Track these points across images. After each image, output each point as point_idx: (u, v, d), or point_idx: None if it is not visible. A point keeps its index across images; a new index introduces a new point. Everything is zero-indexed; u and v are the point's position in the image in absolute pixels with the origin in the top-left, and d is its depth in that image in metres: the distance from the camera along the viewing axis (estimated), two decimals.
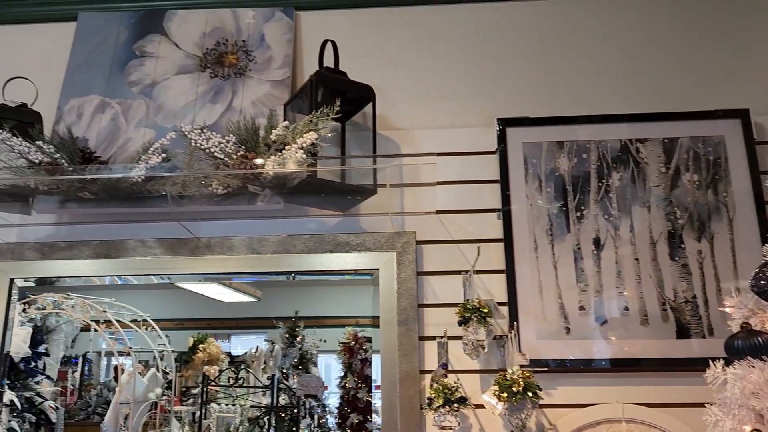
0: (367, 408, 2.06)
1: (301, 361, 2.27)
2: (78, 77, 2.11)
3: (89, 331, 2.30)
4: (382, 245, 1.92)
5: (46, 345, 2.26)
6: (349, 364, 2.15)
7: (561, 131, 1.95)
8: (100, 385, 2.42)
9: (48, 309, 2.23)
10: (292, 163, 1.70)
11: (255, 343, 2.36)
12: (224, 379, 2.36)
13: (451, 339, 1.81)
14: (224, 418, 2.26)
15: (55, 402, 2.24)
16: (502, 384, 1.55)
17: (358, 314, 2.21)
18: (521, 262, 1.86)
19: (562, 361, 1.78)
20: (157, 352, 2.35)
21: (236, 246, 1.96)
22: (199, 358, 2.35)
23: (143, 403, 2.26)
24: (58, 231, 2.05)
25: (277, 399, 2.22)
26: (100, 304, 2.28)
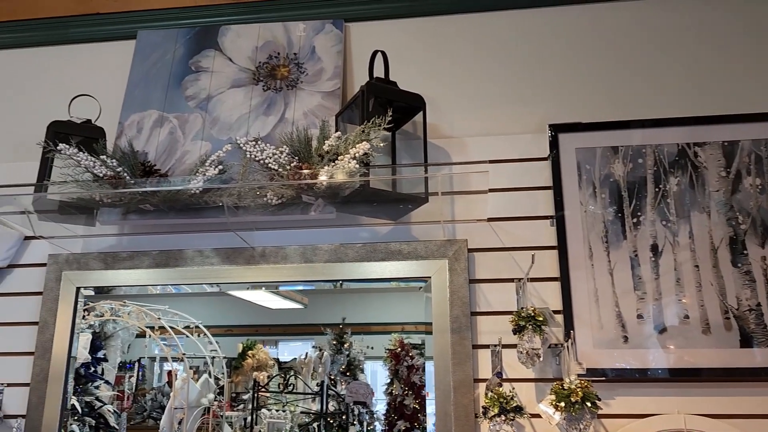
0: (414, 415, 2.06)
1: (349, 367, 2.28)
2: (138, 93, 2.18)
3: (144, 337, 2.37)
4: (434, 253, 1.92)
5: (104, 351, 2.33)
6: (395, 370, 2.15)
7: (615, 136, 1.92)
8: (154, 390, 2.49)
9: (106, 316, 2.31)
10: (345, 174, 1.72)
11: (302, 350, 2.38)
12: (274, 385, 2.40)
13: (505, 347, 1.80)
14: (275, 424, 2.29)
15: (112, 406, 2.31)
16: (560, 394, 1.53)
17: (403, 321, 2.21)
18: (576, 270, 1.83)
19: (620, 371, 1.74)
20: (209, 357, 2.39)
21: (290, 255, 1.99)
22: (248, 364, 2.38)
23: (196, 408, 2.31)
24: (120, 242, 2.12)
25: (326, 405, 2.23)
26: (154, 311, 2.35)
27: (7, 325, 2.10)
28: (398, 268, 1.94)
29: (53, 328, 2.03)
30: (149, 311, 2.35)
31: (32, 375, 2.00)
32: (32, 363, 2.01)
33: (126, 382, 2.35)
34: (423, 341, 2.14)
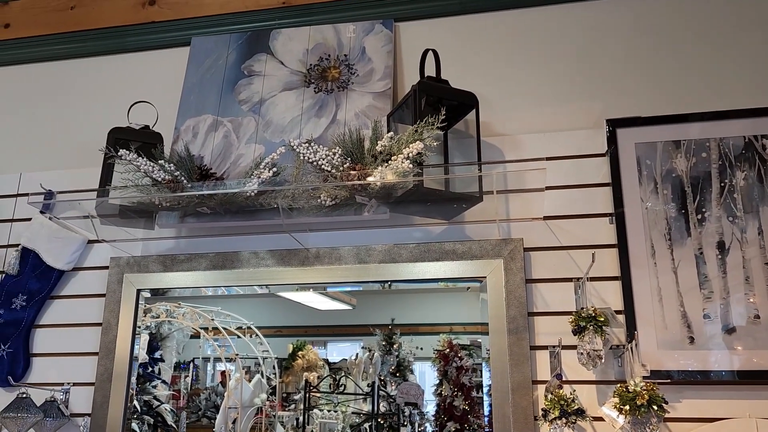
0: (464, 416, 2.04)
1: (399, 368, 2.27)
2: (192, 98, 2.23)
3: (198, 338, 2.41)
4: (489, 253, 1.90)
5: (161, 351, 2.39)
6: (444, 371, 2.13)
7: (676, 130, 1.85)
8: (207, 390, 2.53)
9: (162, 317, 2.36)
10: (399, 174, 1.71)
11: (350, 351, 2.39)
12: (325, 385, 2.40)
13: (564, 348, 1.76)
14: (326, 424, 2.30)
15: (169, 405, 2.36)
16: (624, 396, 1.48)
17: (451, 321, 2.19)
18: (637, 268, 1.77)
19: (686, 373, 1.68)
20: (261, 358, 2.42)
21: (344, 256, 1.99)
22: (298, 364, 2.40)
23: (250, 407, 2.34)
24: (178, 244, 2.17)
25: (377, 406, 2.23)
26: (207, 312, 2.39)
27: (72, 326, 2.18)
28: (452, 268, 1.92)
29: (116, 329, 2.09)
30: (202, 312, 2.39)
31: (97, 375, 2.06)
32: (96, 363, 2.07)
33: (181, 382, 2.40)
34: (471, 342, 2.12)
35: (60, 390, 2.07)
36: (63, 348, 2.16)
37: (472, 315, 2.13)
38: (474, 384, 2.07)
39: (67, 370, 2.13)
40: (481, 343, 2.09)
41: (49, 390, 2.05)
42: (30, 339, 2.19)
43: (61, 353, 2.15)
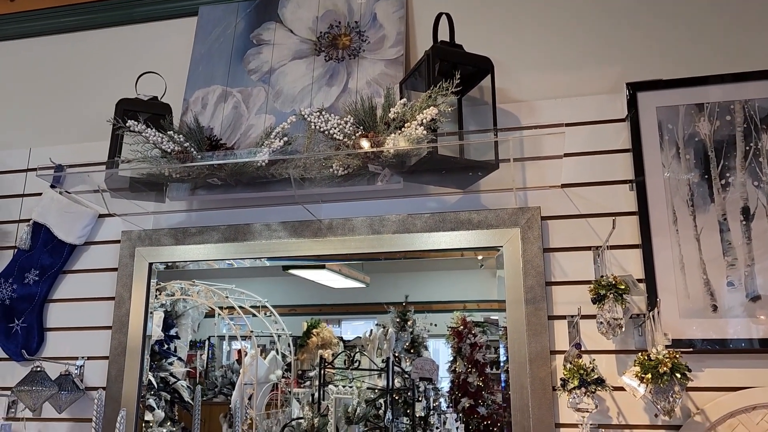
0: (478, 392, 2.03)
1: (413, 344, 2.25)
2: (201, 69, 2.19)
3: (213, 317, 2.41)
4: (505, 222, 1.86)
5: (176, 329, 2.38)
6: (458, 348, 2.12)
7: (699, 92, 1.79)
8: (223, 367, 2.53)
9: (177, 295, 2.35)
10: (413, 141, 1.67)
11: (364, 329, 2.37)
12: (339, 361, 2.39)
13: (582, 318, 1.73)
14: (341, 399, 2.29)
15: (186, 381, 2.36)
16: (646, 365, 1.45)
17: (465, 299, 2.18)
18: (658, 236, 1.73)
19: (709, 341, 1.64)
20: (276, 335, 2.41)
21: (357, 227, 1.96)
22: (313, 342, 2.39)
23: (265, 384, 2.34)
24: (189, 218, 2.15)
25: (392, 381, 2.21)
26: (222, 290, 2.38)
27: (85, 301, 2.17)
28: (468, 238, 1.88)
29: (129, 302, 2.07)
30: (217, 290, 2.38)
31: (111, 348, 2.05)
32: (110, 337, 2.07)
33: (197, 360, 2.40)
34: (485, 319, 2.10)
35: (74, 364, 2.07)
36: (76, 322, 2.15)
37: (486, 292, 2.12)
38: (488, 361, 2.06)
39: (80, 344, 2.12)
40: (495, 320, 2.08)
41: (64, 364, 2.04)
42: (43, 313, 2.18)
43: (75, 327, 2.15)
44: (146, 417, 2.11)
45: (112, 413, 1.89)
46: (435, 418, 2.12)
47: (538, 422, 1.70)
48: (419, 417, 2.11)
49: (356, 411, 2.23)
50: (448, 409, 2.12)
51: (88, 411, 2.02)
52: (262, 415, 2.30)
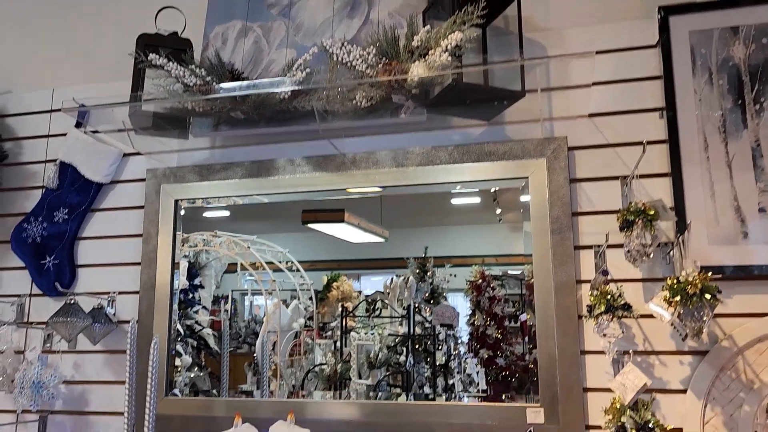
0: (497, 344, 2.05)
1: (432, 295, 2.27)
2: (220, 4, 2.15)
3: (235, 272, 2.43)
4: (531, 153, 1.83)
5: (200, 278, 2.42)
6: (477, 302, 2.13)
7: (734, 15, 1.73)
8: (246, 320, 2.57)
9: (199, 246, 2.37)
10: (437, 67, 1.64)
11: (383, 284, 2.39)
12: (361, 310, 2.42)
13: (609, 248, 1.72)
14: (363, 346, 2.32)
15: (211, 330, 2.41)
16: (675, 288, 1.44)
17: (483, 253, 2.18)
18: (689, 164, 1.69)
19: (739, 268, 1.62)
20: (298, 285, 2.44)
21: (381, 160, 1.95)
22: (333, 295, 2.41)
23: (288, 332, 2.37)
24: (213, 155, 2.15)
25: (413, 327, 2.24)
26: (243, 241, 2.40)
27: (113, 238, 2.20)
28: (493, 170, 1.86)
29: (156, 239, 2.10)
30: (239, 241, 2.40)
31: (140, 283, 2.09)
32: (139, 272, 2.10)
33: (221, 314, 2.43)
34: (503, 273, 2.11)
35: (106, 298, 2.12)
36: (106, 259, 2.19)
37: (505, 246, 2.12)
38: (506, 314, 2.08)
39: (111, 280, 2.17)
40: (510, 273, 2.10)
41: (96, 297, 2.09)
42: (74, 251, 2.22)
43: (105, 264, 2.19)
44: (175, 362, 2.16)
45: (144, 344, 1.94)
46: (455, 363, 2.15)
47: (564, 350, 1.71)
48: (439, 364, 2.15)
49: (378, 356, 2.26)
50: (468, 353, 2.14)
51: (121, 343, 2.07)
52: (286, 361, 2.34)
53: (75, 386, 2.13)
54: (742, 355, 1.60)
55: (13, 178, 2.34)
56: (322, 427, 1.82)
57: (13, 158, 2.35)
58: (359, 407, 1.89)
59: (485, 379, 2.05)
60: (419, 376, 2.17)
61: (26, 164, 2.34)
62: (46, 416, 2.13)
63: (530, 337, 1.86)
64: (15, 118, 2.39)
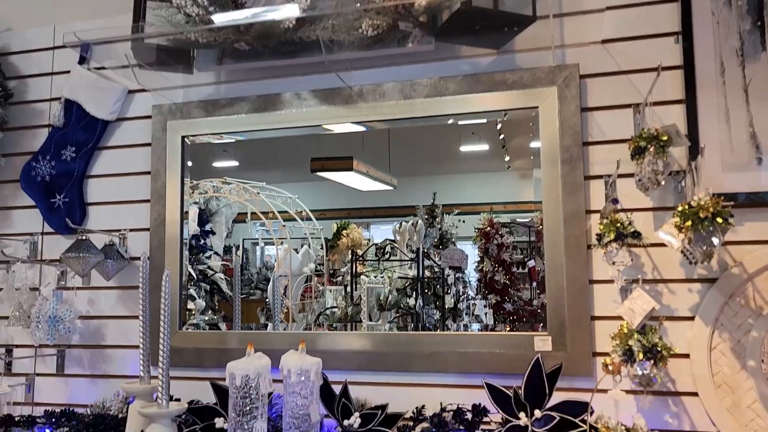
0: (505, 289, 2.06)
1: (441, 240, 2.27)
2: None
3: (245, 222, 2.44)
4: (542, 81, 1.79)
5: (211, 224, 2.43)
6: (485, 249, 2.14)
7: None
8: (258, 266, 2.59)
9: (209, 193, 2.37)
10: None
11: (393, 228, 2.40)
12: (371, 254, 2.44)
13: (620, 177, 1.70)
14: (373, 289, 2.34)
15: (223, 275, 2.43)
16: (686, 213, 1.42)
17: (491, 201, 2.17)
18: (704, 89, 1.65)
19: (753, 195, 1.60)
20: (309, 234, 2.44)
21: (388, 92, 1.92)
22: (343, 243, 2.42)
23: (299, 276, 2.39)
24: (218, 90, 2.12)
25: (422, 270, 2.25)
26: (252, 187, 2.39)
27: (122, 176, 2.20)
28: (503, 100, 1.83)
29: (164, 175, 2.10)
30: (248, 187, 2.40)
31: (150, 220, 2.11)
32: (149, 209, 2.11)
33: (233, 263, 2.44)
34: (512, 220, 2.10)
35: (117, 235, 2.13)
36: (116, 197, 2.20)
37: (513, 194, 2.12)
38: (514, 261, 2.08)
39: (121, 218, 2.18)
40: (519, 221, 2.10)
41: (107, 235, 2.11)
42: (83, 189, 2.23)
43: (115, 201, 2.20)
44: (188, 306, 2.19)
45: (156, 280, 1.96)
46: (463, 305, 2.17)
47: (573, 279, 1.72)
48: (448, 307, 2.17)
49: (388, 299, 2.28)
50: (476, 296, 2.16)
51: (134, 279, 2.10)
52: (297, 305, 2.37)
53: (90, 321, 2.18)
54: (751, 281, 1.59)
55: (20, 116, 2.32)
56: (333, 357, 1.86)
57: (18, 97, 2.33)
58: (369, 338, 1.91)
59: (493, 322, 2.07)
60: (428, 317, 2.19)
61: (32, 103, 2.33)
62: (63, 350, 2.18)
63: (538, 282, 1.86)
64: (18, 56, 2.36)
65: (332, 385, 1.76)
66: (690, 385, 1.63)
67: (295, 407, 1.61)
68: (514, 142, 2.04)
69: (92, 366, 2.16)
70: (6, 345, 2.24)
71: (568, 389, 1.68)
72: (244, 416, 1.56)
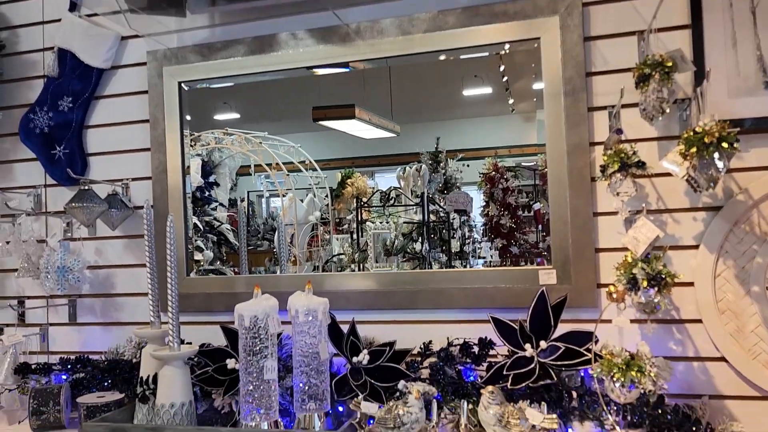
0: (510, 233, 2.06)
1: (446, 186, 2.26)
2: None
3: (249, 174, 2.43)
4: (543, 11, 1.75)
5: (214, 176, 2.42)
6: (490, 193, 2.13)
7: None
8: (264, 217, 2.59)
9: (211, 144, 2.35)
10: None
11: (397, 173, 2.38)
12: (376, 200, 2.43)
13: (624, 107, 1.67)
14: (379, 234, 2.34)
15: (229, 226, 2.44)
16: (691, 139, 1.40)
17: (496, 145, 2.14)
18: (710, 12, 1.61)
19: (759, 120, 1.58)
20: (313, 183, 2.43)
21: (386, 29, 1.88)
22: (348, 192, 2.41)
23: (305, 225, 2.39)
24: (213, 33, 2.08)
25: (427, 214, 2.25)
26: (254, 137, 2.38)
27: (120, 125, 2.18)
28: (504, 31, 1.79)
29: (163, 123, 2.08)
30: (251, 137, 2.38)
31: (152, 168, 2.10)
32: (150, 157, 2.10)
33: (239, 215, 2.44)
34: (517, 164, 2.08)
35: (120, 184, 2.13)
36: (116, 146, 2.19)
37: (518, 137, 2.09)
38: (519, 204, 2.07)
39: (123, 167, 2.17)
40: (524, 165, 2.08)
41: (110, 185, 2.11)
42: (83, 139, 2.21)
43: (115, 151, 2.19)
44: (196, 257, 2.20)
45: (161, 228, 1.96)
46: (469, 248, 2.18)
47: (576, 212, 1.71)
48: (455, 251, 2.17)
49: (394, 244, 2.29)
50: (483, 239, 2.16)
51: (139, 228, 2.11)
52: (305, 253, 2.38)
53: (99, 271, 2.20)
54: (757, 208, 1.59)
55: (14, 68, 2.29)
56: (340, 298, 1.88)
57: (10, 48, 2.29)
58: (375, 278, 1.93)
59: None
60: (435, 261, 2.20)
61: (25, 53, 2.29)
62: (75, 300, 2.21)
63: (544, 225, 1.86)
64: (7, 6, 2.31)
65: (340, 324, 1.79)
66: (694, 313, 1.65)
67: (304, 346, 1.64)
68: (518, 85, 2.01)
69: (104, 314, 2.19)
70: (18, 296, 2.28)
71: (574, 321, 1.70)
72: (254, 356, 1.59)
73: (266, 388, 1.59)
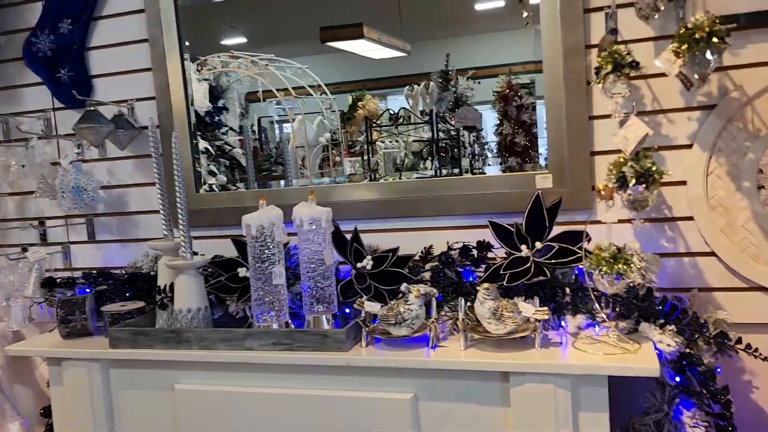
0: (525, 151, 2.06)
1: (457, 104, 2.24)
2: None
3: (259, 101, 2.42)
4: None
5: (223, 100, 2.42)
6: (504, 111, 2.10)
7: None
8: (276, 142, 2.61)
9: (218, 68, 2.35)
10: None
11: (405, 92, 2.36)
12: (385, 120, 2.44)
13: (620, 7, 1.65)
14: (390, 154, 2.36)
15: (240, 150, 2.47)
16: (683, 35, 1.40)
17: (510, 62, 2.10)
18: None
19: (755, 15, 1.56)
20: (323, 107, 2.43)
21: None
22: (360, 114, 2.40)
23: (315, 146, 2.41)
24: None
25: (436, 132, 2.25)
26: (261, 60, 2.36)
27: (121, 46, 2.20)
28: None
29: (162, 40, 2.10)
30: (258, 60, 2.36)
31: (155, 87, 2.13)
32: (152, 77, 2.13)
33: (248, 142, 2.46)
34: (532, 81, 2.04)
35: (125, 105, 2.17)
36: (119, 67, 2.21)
37: (533, 53, 2.02)
38: (535, 121, 2.06)
39: (127, 88, 2.20)
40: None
41: (115, 105, 2.15)
42: (86, 61, 2.24)
43: (118, 72, 2.21)
44: (209, 181, 2.25)
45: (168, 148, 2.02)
46: (479, 164, 2.18)
47: (573, 114, 1.74)
48: (465, 169, 2.19)
49: (404, 162, 2.31)
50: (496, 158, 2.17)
51: (147, 148, 2.15)
52: (316, 174, 2.41)
53: (113, 191, 2.28)
54: (751, 104, 1.60)
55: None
56: (344, 208, 1.94)
57: None
58: (378, 187, 1.99)
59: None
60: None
61: None
62: (92, 219, 2.30)
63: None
64: None
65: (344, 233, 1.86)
66: (686, 210, 1.70)
67: (310, 253, 1.72)
68: None
69: (120, 232, 2.29)
70: (38, 217, 2.38)
71: (570, 223, 1.75)
72: (263, 263, 1.68)
73: (276, 292, 1.69)
